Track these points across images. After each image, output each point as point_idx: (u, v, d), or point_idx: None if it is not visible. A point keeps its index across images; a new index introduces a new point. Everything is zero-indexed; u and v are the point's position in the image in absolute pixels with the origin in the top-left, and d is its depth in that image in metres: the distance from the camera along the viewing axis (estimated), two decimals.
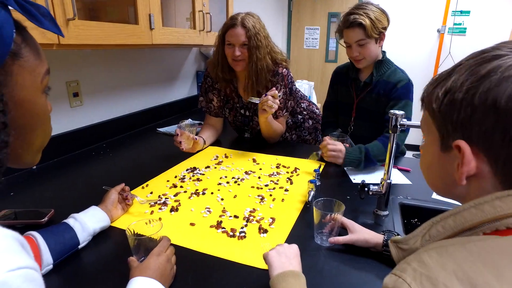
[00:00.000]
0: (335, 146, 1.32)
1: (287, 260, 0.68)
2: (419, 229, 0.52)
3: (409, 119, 1.36)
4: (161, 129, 1.91)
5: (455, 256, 0.38)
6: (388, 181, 1.02)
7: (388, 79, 1.43)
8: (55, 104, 1.46)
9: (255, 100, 1.42)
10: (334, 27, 4.35)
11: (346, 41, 1.41)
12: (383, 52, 1.47)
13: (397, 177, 1.31)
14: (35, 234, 0.74)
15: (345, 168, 1.38)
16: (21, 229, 0.89)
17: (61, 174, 1.32)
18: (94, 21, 1.20)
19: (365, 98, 1.49)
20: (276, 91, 1.37)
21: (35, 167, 1.35)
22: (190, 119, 2.09)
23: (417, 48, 4.00)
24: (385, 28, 1.37)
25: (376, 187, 1.03)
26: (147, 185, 1.21)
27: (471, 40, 3.81)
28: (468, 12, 3.74)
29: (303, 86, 3.35)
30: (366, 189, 1.02)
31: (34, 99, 0.45)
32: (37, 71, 0.45)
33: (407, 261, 0.41)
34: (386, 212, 1.04)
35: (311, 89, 3.45)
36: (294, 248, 0.73)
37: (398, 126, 0.95)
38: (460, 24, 3.81)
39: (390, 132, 0.98)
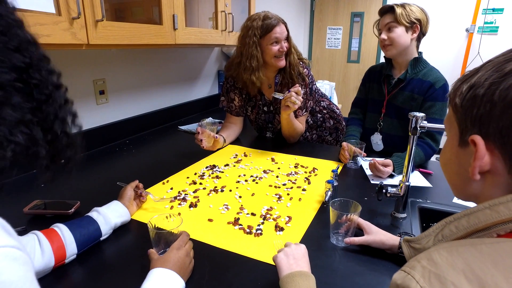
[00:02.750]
0: (384, 171, 1.28)
1: (295, 262, 0.68)
2: (431, 228, 0.52)
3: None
4: (182, 127, 1.96)
5: (465, 256, 0.38)
6: (407, 183, 1.01)
7: (423, 78, 1.42)
8: (82, 101, 1.53)
9: (279, 95, 1.44)
10: (357, 27, 4.29)
11: (380, 27, 1.45)
12: (420, 53, 1.47)
13: (418, 180, 1.29)
14: (61, 226, 0.79)
15: (364, 169, 1.38)
16: (50, 219, 0.96)
17: (86, 168, 1.38)
18: (121, 22, 1.25)
19: (396, 95, 1.48)
20: (300, 88, 1.40)
21: (62, 160, 1.42)
22: (210, 118, 2.13)
23: (443, 48, 3.87)
24: (419, 21, 1.39)
25: (394, 189, 1.02)
26: (167, 181, 1.24)
27: (504, 40, 3.64)
28: (502, 9, 3.59)
29: (324, 86, 3.34)
30: (383, 191, 1.01)
31: None
32: None
33: (417, 258, 0.41)
34: (404, 215, 1.03)
35: (332, 90, 3.43)
36: (302, 248, 0.73)
37: (418, 128, 0.94)
38: (491, 22, 3.66)
39: (410, 134, 0.97)
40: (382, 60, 1.60)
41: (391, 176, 1.31)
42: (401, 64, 1.48)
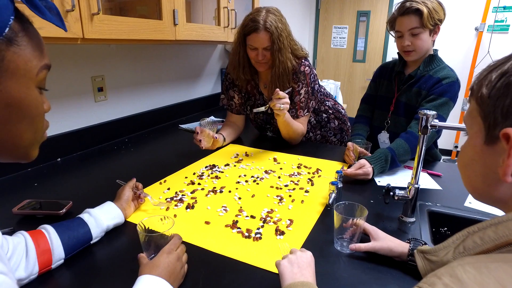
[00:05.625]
0: (362, 172, 1.21)
1: (299, 271, 0.64)
2: (451, 239, 0.46)
3: (443, 120, 1.29)
4: (183, 126, 1.92)
5: (497, 274, 0.32)
6: (416, 186, 0.95)
7: (434, 75, 1.35)
8: (80, 98, 1.49)
9: (260, 109, 1.37)
10: (363, 26, 4.22)
11: (398, 29, 1.34)
12: (435, 50, 1.39)
13: (427, 182, 1.23)
14: (49, 228, 0.74)
15: None
16: (40, 220, 0.91)
17: (83, 167, 1.34)
18: (118, 16, 1.21)
19: (405, 92, 1.42)
20: (281, 92, 1.30)
21: (59, 159, 1.38)
22: (212, 117, 2.09)
23: (451, 48, 3.79)
24: (440, 21, 1.31)
25: (402, 191, 0.97)
26: (165, 181, 1.20)
27: None
28: None
29: (329, 85, 3.28)
30: (391, 193, 0.96)
31: (25, 90, 0.44)
32: (33, 63, 0.44)
33: (437, 274, 0.35)
34: (412, 219, 0.97)
35: (337, 89, 3.37)
36: (308, 256, 0.68)
37: (429, 127, 0.88)
38: (502, 21, 3.57)
39: (419, 133, 0.91)
40: (389, 59, 1.53)
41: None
42: (415, 61, 1.40)
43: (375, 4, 4.09)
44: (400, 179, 1.26)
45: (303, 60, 1.51)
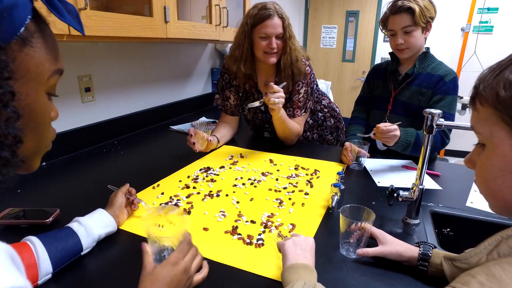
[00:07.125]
0: (391, 127, 1.20)
1: (302, 253, 0.67)
2: (483, 244, 0.43)
3: (453, 116, 1.31)
4: (174, 127, 1.86)
5: None
6: (421, 186, 0.93)
7: (432, 72, 1.36)
8: (66, 99, 1.42)
9: (254, 104, 1.35)
10: (352, 26, 4.23)
11: (391, 28, 1.35)
12: (427, 48, 1.41)
13: (427, 182, 1.21)
14: (35, 240, 0.68)
15: (369, 170, 1.29)
16: (25, 230, 0.85)
17: (70, 171, 1.27)
18: (106, 12, 1.15)
19: (403, 91, 1.41)
20: (275, 86, 1.29)
21: (44, 163, 1.31)
22: (204, 117, 2.03)
23: (438, 48, 3.83)
24: (432, 19, 1.32)
25: (406, 193, 0.94)
26: (158, 185, 1.14)
27: (498, 39, 3.63)
28: (496, 9, 3.57)
29: (320, 85, 3.25)
30: (395, 194, 0.93)
31: (33, 94, 0.40)
32: (45, 66, 0.41)
33: (471, 273, 0.33)
34: (417, 221, 0.95)
35: (328, 89, 3.36)
36: (310, 241, 0.71)
37: (434, 127, 0.86)
38: (486, 22, 3.64)
39: (424, 133, 0.89)
40: (378, 60, 1.54)
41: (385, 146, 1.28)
42: (409, 60, 1.40)
43: (364, 4, 4.11)
44: (399, 179, 1.23)
45: (303, 60, 1.49)
